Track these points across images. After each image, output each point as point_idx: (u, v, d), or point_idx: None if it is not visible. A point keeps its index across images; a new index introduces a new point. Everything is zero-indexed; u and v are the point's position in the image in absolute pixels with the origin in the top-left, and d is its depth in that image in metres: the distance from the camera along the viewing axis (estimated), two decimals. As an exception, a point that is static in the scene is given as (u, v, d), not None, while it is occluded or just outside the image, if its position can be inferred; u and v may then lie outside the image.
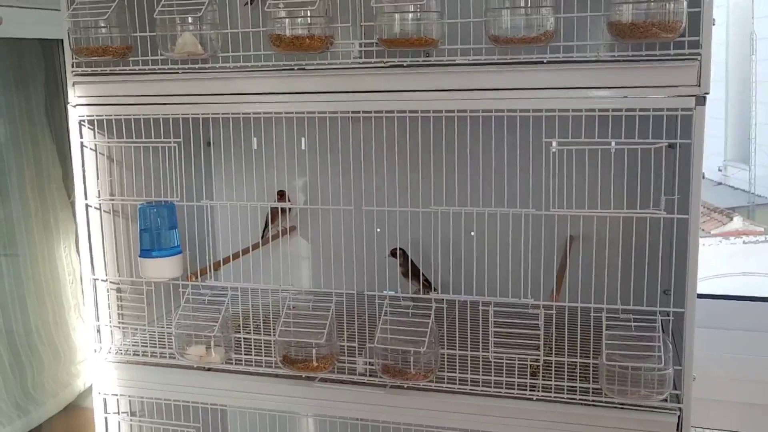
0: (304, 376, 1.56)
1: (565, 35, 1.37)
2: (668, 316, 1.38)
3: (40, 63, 2.09)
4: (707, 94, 1.29)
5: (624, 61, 1.32)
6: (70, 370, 2.20)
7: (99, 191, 1.69)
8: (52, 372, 2.11)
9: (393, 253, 1.77)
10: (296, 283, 2.03)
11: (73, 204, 2.08)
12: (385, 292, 1.55)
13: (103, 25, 1.54)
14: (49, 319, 2.13)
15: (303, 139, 1.82)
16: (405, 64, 1.42)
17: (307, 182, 1.97)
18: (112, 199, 1.71)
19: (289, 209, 1.92)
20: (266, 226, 1.95)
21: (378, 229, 1.69)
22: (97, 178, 1.69)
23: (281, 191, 1.93)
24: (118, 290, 1.74)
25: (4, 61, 1.98)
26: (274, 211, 1.89)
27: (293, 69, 1.49)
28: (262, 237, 1.92)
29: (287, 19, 1.43)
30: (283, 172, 1.96)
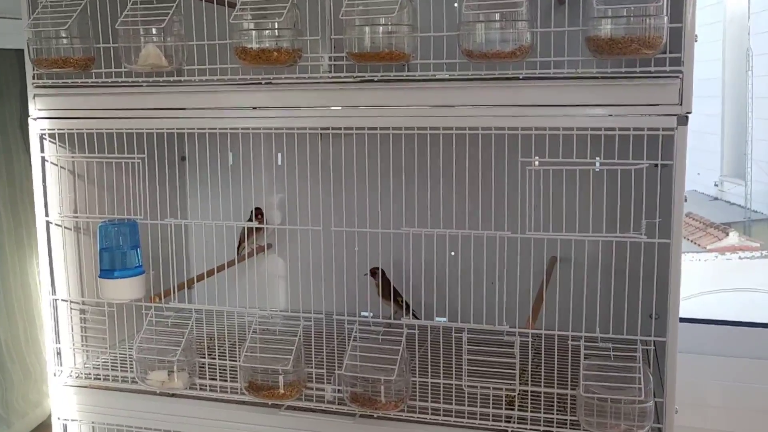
0: (270, 403, 1.50)
1: (541, 50, 1.31)
2: (649, 345, 1.31)
3: (15, 74, 2.03)
4: (689, 113, 1.23)
5: (603, 78, 1.26)
6: (41, 389, 2.14)
7: (61, 207, 1.63)
8: (22, 391, 2.05)
9: (373, 272, 1.71)
10: (271, 303, 1.97)
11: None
12: (363, 313, 1.48)
13: (64, 35, 1.48)
14: (20, 336, 2.07)
15: (279, 155, 1.77)
16: (376, 78, 1.37)
17: (284, 199, 1.92)
18: (76, 217, 1.65)
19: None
20: (241, 243, 1.89)
21: (357, 248, 1.63)
22: (59, 194, 1.62)
23: (257, 208, 1.87)
24: (82, 311, 1.67)
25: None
26: (249, 228, 1.83)
27: (260, 83, 1.43)
28: (238, 254, 1.86)
29: (254, 32, 1.38)
30: (260, 188, 1.90)
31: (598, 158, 1.29)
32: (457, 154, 1.40)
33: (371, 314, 1.59)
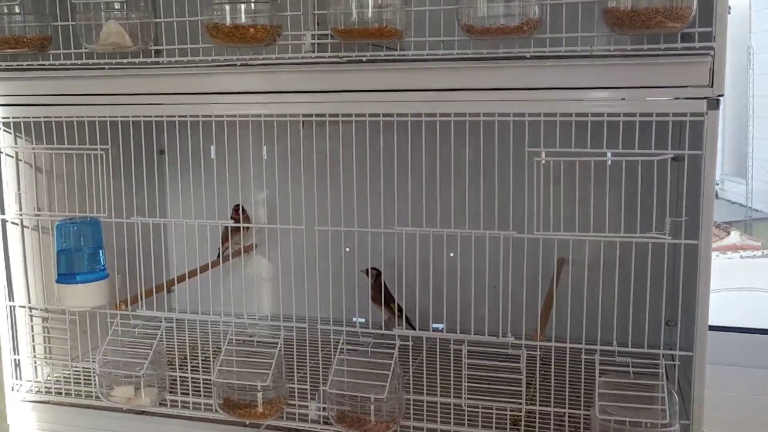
0: (247, 423, 1.36)
1: (552, 26, 1.15)
2: (673, 360, 1.16)
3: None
4: (721, 96, 1.08)
5: (622, 56, 1.11)
6: None
7: (20, 204, 1.48)
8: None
9: (367, 271, 1.56)
10: (256, 308, 1.82)
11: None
12: (354, 319, 1.33)
13: (17, 11, 1.33)
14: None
15: (264, 149, 1.61)
16: (364, 59, 1.21)
17: (266, 196, 1.77)
18: (37, 215, 1.50)
19: (246, 228, 1.71)
20: (224, 242, 1.74)
21: (347, 249, 1.48)
22: (17, 190, 1.47)
23: (237, 206, 1.71)
24: (44, 320, 1.52)
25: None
26: (231, 227, 1.68)
27: (235, 64, 1.28)
28: (218, 256, 1.71)
29: (227, 6, 1.22)
30: (244, 184, 1.75)
31: (612, 149, 1.14)
32: (456, 144, 1.25)
33: (362, 320, 1.44)
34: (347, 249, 1.48)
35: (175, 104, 1.34)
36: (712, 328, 1.59)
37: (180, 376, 1.43)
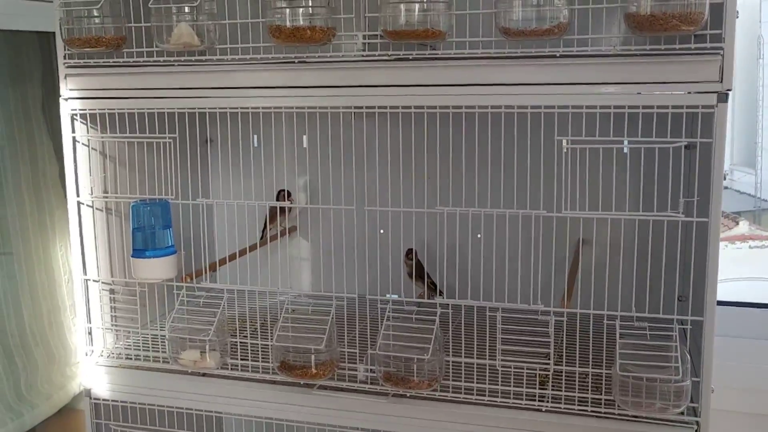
0: (302, 383, 1.50)
1: (579, 28, 1.30)
2: (685, 324, 1.31)
3: (37, 57, 2.03)
4: (729, 90, 1.22)
5: (642, 55, 1.25)
6: (64, 371, 2.14)
7: (92, 188, 1.63)
8: (46, 374, 2.05)
9: (408, 254, 1.70)
10: (296, 285, 1.97)
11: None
12: (387, 296, 1.48)
13: (96, 14, 1.48)
14: (44, 319, 2.08)
15: (304, 137, 1.76)
16: (410, 57, 1.36)
17: (308, 181, 1.91)
18: (106, 197, 1.65)
19: (289, 209, 1.85)
20: (265, 226, 1.89)
21: (381, 231, 1.63)
22: (90, 175, 1.63)
23: (282, 190, 1.86)
24: (111, 291, 1.67)
25: (0, 53, 1.92)
26: (273, 211, 1.83)
27: (294, 62, 1.42)
28: (261, 238, 1.86)
29: (287, 10, 1.37)
30: (284, 171, 1.89)
31: (626, 139, 1.28)
32: (492, 135, 1.40)
33: (395, 297, 1.58)
34: (381, 231, 1.63)
35: (235, 97, 1.47)
36: (720, 303, 1.74)
37: (240, 342, 1.58)
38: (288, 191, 1.85)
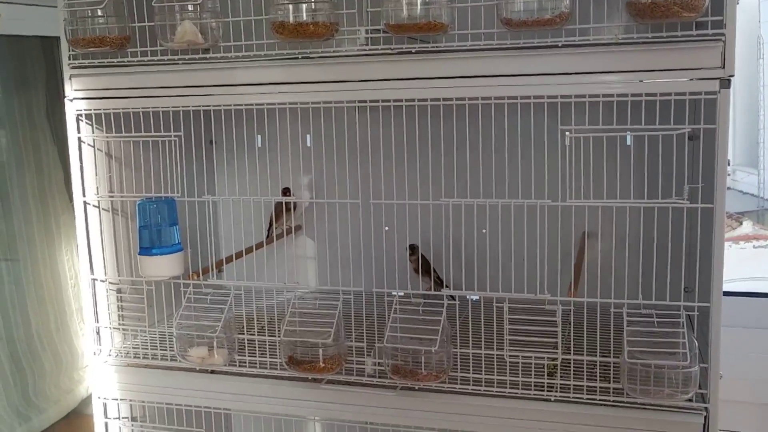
0: (310, 378, 1.51)
1: (580, 17, 1.31)
2: (692, 311, 1.31)
3: (41, 61, 2.04)
4: (732, 76, 1.23)
5: (644, 43, 1.26)
6: (72, 376, 2.15)
7: (98, 188, 1.64)
8: (54, 378, 2.06)
9: (411, 248, 1.71)
10: (303, 282, 1.97)
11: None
12: (394, 292, 1.48)
13: (100, 14, 1.49)
14: (51, 324, 2.08)
15: (308, 136, 1.76)
16: (413, 50, 1.37)
17: (312, 180, 1.92)
18: (111, 196, 1.66)
19: (294, 207, 1.86)
20: (271, 224, 1.90)
21: (386, 228, 1.63)
22: (96, 175, 1.63)
23: (286, 188, 1.87)
24: (119, 290, 1.68)
25: (4, 59, 1.93)
26: (278, 209, 1.84)
27: (297, 58, 1.43)
28: (267, 236, 1.86)
29: (290, 6, 1.38)
30: (287, 169, 1.90)
31: (629, 127, 1.28)
32: (495, 126, 1.40)
33: (401, 293, 1.59)
34: (386, 228, 1.63)
35: (239, 94, 1.48)
36: (726, 293, 1.74)
37: (248, 338, 1.59)
38: (288, 189, 1.86)
